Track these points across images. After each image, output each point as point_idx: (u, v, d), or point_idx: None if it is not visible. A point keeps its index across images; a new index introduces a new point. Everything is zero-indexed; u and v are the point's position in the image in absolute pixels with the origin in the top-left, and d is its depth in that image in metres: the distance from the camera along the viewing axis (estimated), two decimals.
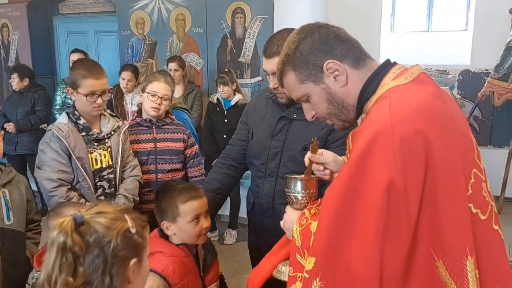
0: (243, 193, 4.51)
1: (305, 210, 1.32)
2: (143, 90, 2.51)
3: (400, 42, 5.56)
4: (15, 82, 4.88)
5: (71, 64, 4.45)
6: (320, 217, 1.15)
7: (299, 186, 1.40)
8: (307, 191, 1.40)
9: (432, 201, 1.03)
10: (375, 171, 1.03)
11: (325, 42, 1.20)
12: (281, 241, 1.49)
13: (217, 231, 4.66)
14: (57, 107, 4.51)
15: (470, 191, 1.08)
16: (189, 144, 2.62)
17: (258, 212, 2.06)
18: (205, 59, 4.84)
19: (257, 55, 4.56)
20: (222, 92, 4.20)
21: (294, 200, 1.41)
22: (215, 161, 2.30)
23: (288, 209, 1.43)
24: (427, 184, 1.02)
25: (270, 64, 1.81)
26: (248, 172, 3.52)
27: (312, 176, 1.46)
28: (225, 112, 4.21)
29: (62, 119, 2.26)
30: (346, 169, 1.11)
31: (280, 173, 1.93)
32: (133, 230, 1.07)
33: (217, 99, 4.27)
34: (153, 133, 2.53)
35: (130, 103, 4.28)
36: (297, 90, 1.27)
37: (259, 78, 4.61)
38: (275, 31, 4.41)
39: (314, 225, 1.23)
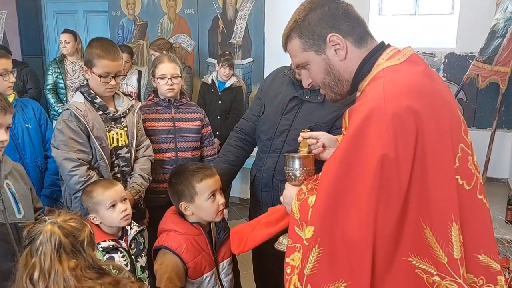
0: None
1: (302, 186, 1.41)
2: (153, 76, 2.55)
3: (388, 25, 5.63)
4: None
5: (61, 45, 4.44)
6: (319, 188, 1.23)
7: (297, 163, 1.49)
8: (305, 168, 1.49)
9: (422, 173, 1.11)
10: (370, 145, 1.11)
11: (333, 16, 1.27)
12: (280, 213, 1.58)
13: None
14: (48, 87, 4.48)
15: (457, 164, 1.16)
16: (205, 123, 2.69)
17: (258, 186, 2.15)
18: (196, 40, 4.86)
19: (248, 37, 4.60)
20: (225, 73, 4.17)
21: (293, 177, 1.50)
22: (230, 134, 2.38)
23: (287, 185, 1.53)
24: (417, 157, 1.11)
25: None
26: None
27: (308, 154, 1.55)
28: (219, 93, 4.25)
29: (77, 98, 2.22)
30: (343, 144, 1.19)
31: (284, 151, 2.02)
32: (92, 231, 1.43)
33: (212, 80, 4.28)
34: (172, 113, 2.58)
35: (126, 83, 4.30)
36: (299, 56, 1.34)
37: (250, 59, 4.66)
38: (266, 12, 4.50)
39: (311, 199, 1.32)
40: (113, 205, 1.89)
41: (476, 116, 5.26)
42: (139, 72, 4.45)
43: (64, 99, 4.46)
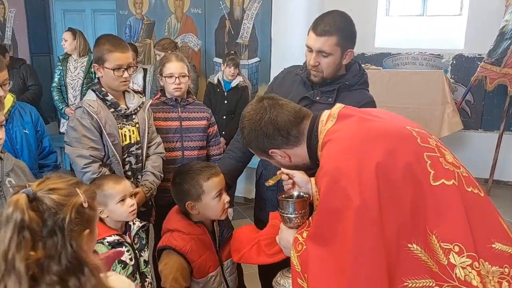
0: None
1: (298, 235, 1.43)
2: (160, 74, 2.55)
3: (395, 26, 5.61)
4: None
5: (63, 42, 4.45)
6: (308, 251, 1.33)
7: (291, 207, 1.51)
8: (299, 211, 1.51)
9: (390, 206, 1.19)
10: (341, 202, 1.22)
11: (266, 135, 1.49)
12: (278, 247, 1.61)
13: None
14: (54, 85, 4.50)
15: (432, 172, 1.24)
16: (211, 122, 2.69)
17: (263, 184, 2.15)
18: (203, 40, 4.87)
19: (255, 36, 4.60)
20: (230, 73, 4.18)
21: (288, 220, 1.52)
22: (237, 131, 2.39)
23: (283, 227, 1.56)
24: (382, 191, 1.20)
25: (318, 42, 1.87)
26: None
27: (303, 196, 1.59)
28: (225, 93, 4.25)
29: (90, 96, 2.24)
30: (318, 214, 1.34)
31: None
32: (85, 205, 1.09)
33: (218, 80, 4.28)
34: (178, 112, 2.58)
35: (132, 82, 4.31)
36: (259, 157, 1.66)
37: (256, 59, 4.65)
38: (273, 12, 4.49)
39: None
40: (123, 200, 1.89)
41: (483, 118, 5.23)
42: (145, 70, 4.47)
43: (65, 96, 4.48)
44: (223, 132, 3.98)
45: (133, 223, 1.99)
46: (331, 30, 1.85)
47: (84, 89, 4.31)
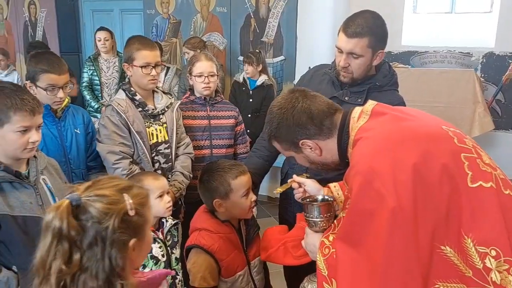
0: None
1: (324, 239, 1.40)
2: (190, 73, 2.59)
3: (423, 23, 5.50)
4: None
5: (99, 42, 4.52)
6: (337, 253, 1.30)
7: (316, 211, 1.48)
8: (325, 215, 1.48)
9: (425, 208, 1.16)
10: (374, 204, 1.18)
11: (298, 125, 1.44)
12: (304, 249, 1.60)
13: None
14: (84, 84, 4.60)
15: (470, 173, 1.20)
16: (239, 121, 2.72)
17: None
18: (228, 38, 4.89)
19: (280, 35, 4.60)
20: (246, 71, 4.27)
21: (313, 224, 1.50)
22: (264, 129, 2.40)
23: (308, 231, 1.53)
24: (418, 191, 1.16)
25: (349, 43, 1.85)
26: None
27: (328, 199, 1.56)
28: (250, 92, 4.27)
29: (120, 95, 2.32)
30: (348, 214, 1.30)
31: None
32: (131, 213, 1.02)
33: (243, 78, 4.33)
34: (207, 111, 2.62)
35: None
36: (284, 153, 1.60)
37: (281, 57, 4.65)
38: (299, 11, 4.48)
39: (335, 254, 1.34)
40: (161, 196, 1.92)
41: None
42: (167, 69, 4.52)
43: (100, 95, 4.57)
44: (248, 131, 3.98)
45: (166, 220, 2.02)
46: (362, 31, 1.82)
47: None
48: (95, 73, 4.56)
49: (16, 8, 6.38)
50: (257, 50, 4.40)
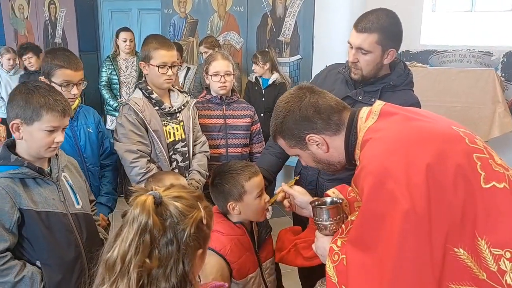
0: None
1: (332, 245, 1.36)
2: (206, 73, 2.60)
3: (442, 22, 5.43)
4: (34, 61, 4.85)
5: (125, 43, 4.54)
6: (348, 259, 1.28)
7: (325, 214, 1.46)
8: (334, 218, 1.45)
9: (439, 210, 1.14)
10: (387, 205, 1.16)
11: (305, 118, 1.40)
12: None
13: None
14: (103, 83, 4.66)
15: (482, 173, 1.18)
16: (255, 120, 2.73)
17: (303, 183, 2.14)
18: (245, 37, 4.90)
19: (297, 34, 4.58)
20: (254, 70, 4.31)
21: (323, 227, 1.47)
22: None
23: (318, 235, 1.50)
24: (432, 192, 1.14)
25: (358, 38, 1.87)
26: None
27: (337, 202, 1.53)
28: (263, 90, 4.28)
29: (136, 94, 2.35)
30: (359, 217, 1.27)
31: None
32: (205, 221, 1.05)
33: (256, 77, 4.36)
34: (223, 110, 2.63)
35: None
36: (289, 151, 1.54)
37: (298, 56, 4.63)
38: (316, 10, 4.45)
39: (345, 260, 1.32)
40: None
41: None
42: (188, 69, 4.55)
43: (118, 94, 4.62)
44: (261, 129, 4.00)
45: None
46: (372, 27, 1.83)
47: None
48: (114, 72, 4.62)
49: (36, 8, 6.50)
50: (266, 49, 4.41)
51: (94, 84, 4.88)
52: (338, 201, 1.54)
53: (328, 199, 1.57)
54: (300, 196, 1.66)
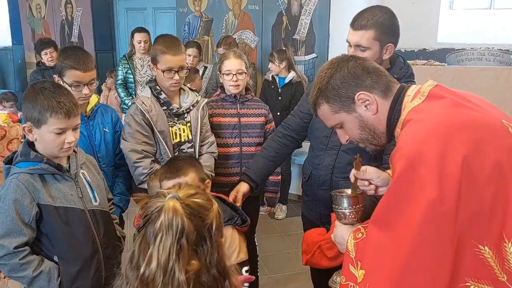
0: (294, 170, 4.59)
1: (360, 227, 1.37)
2: (219, 71, 2.60)
3: (460, 20, 5.35)
4: (55, 56, 4.71)
5: (139, 44, 4.54)
6: (367, 237, 1.27)
7: (345, 202, 1.46)
8: (354, 206, 1.46)
9: (467, 204, 1.10)
10: (415, 191, 1.13)
11: (354, 75, 1.33)
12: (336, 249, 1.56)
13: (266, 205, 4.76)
14: (119, 82, 4.69)
15: None
16: (269, 119, 2.72)
17: (315, 184, 2.13)
18: (260, 36, 4.89)
19: (312, 32, 4.56)
20: (270, 69, 4.30)
21: (342, 216, 1.47)
22: (276, 129, 2.41)
23: (337, 224, 1.50)
24: (463, 184, 1.10)
25: (355, 36, 1.90)
26: (300, 149, 3.58)
27: (357, 191, 1.51)
28: (279, 89, 4.27)
29: (145, 93, 2.34)
30: (386, 197, 1.23)
31: (342, 147, 1.98)
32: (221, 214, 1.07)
33: (272, 76, 4.34)
34: (237, 109, 2.62)
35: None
36: (331, 119, 1.42)
37: (313, 55, 4.61)
38: (332, 8, 4.43)
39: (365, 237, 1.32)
40: None
41: None
42: (205, 68, 4.55)
43: (134, 93, 4.65)
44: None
45: None
46: (367, 24, 1.87)
47: None
48: (130, 71, 4.64)
49: (53, 7, 6.58)
50: (282, 48, 4.39)
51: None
52: (358, 191, 1.53)
53: (349, 190, 1.56)
54: (377, 177, 1.52)
